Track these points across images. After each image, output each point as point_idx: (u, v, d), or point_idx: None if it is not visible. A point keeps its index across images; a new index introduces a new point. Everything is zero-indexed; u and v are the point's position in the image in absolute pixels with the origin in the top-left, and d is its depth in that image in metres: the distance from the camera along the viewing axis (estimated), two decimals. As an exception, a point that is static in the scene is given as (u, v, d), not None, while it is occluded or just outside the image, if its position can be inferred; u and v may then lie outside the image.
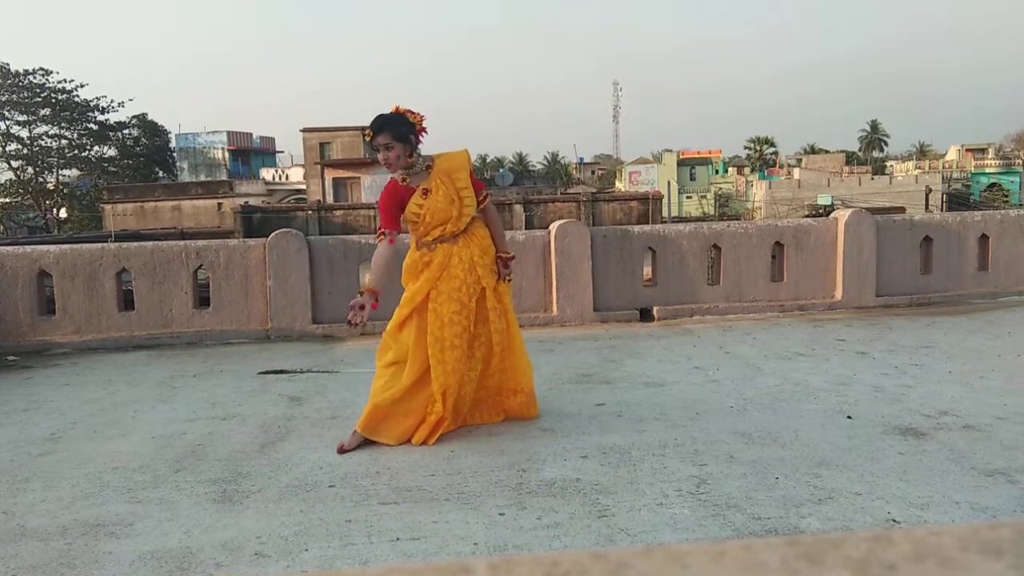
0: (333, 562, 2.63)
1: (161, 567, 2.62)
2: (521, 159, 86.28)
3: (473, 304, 3.88)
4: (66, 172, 48.17)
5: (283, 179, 49.69)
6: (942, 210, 37.74)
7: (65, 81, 45.42)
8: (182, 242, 7.37)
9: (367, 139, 3.91)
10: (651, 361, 5.59)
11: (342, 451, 3.73)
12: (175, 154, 55.36)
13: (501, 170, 51.70)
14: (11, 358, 6.46)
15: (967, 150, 62.89)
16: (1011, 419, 3.92)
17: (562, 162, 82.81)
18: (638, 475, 3.32)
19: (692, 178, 59.16)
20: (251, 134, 58.43)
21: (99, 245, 7.28)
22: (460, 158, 3.95)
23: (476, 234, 3.95)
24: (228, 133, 55.38)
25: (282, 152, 61.38)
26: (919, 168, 58.47)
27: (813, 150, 77.28)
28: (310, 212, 26.42)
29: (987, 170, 56.01)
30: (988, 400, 4.28)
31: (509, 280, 4.11)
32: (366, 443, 3.80)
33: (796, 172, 55.61)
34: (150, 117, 52.60)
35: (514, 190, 36.86)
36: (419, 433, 3.83)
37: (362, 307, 3.61)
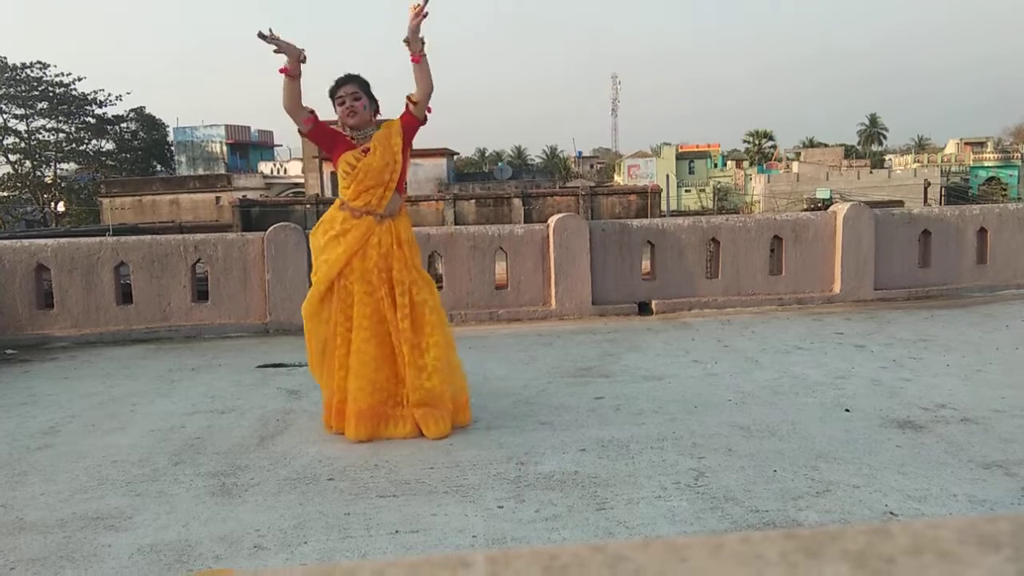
0: (332, 555, 2.64)
1: (160, 560, 2.62)
2: (520, 153, 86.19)
3: (382, 292, 3.80)
4: (64, 166, 48.10)
5: (281, 173, 49.55)
6: (941, 204, 37.74)
7: (63, 75, 45.32)
8: (180, 236, 7.36)
9: (330, 94, 3.82)
10: (650, 354, 5.59)
11: None
12: (173, 148, 55.17)
13: (500, 164, 51.65)
14: (9, 351, 6.45)
15: (966, 144, 62.88)
16: (1009, 412, 3.93)
17: (561, 156, 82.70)
18: (636, 468, 3.32)
19: (691, 172, 59.09)
20: (249, 128, 58.22)
21: (97, 239, 7.26)
22: (396, 124, 3.93)
23: (400, 225, 3.89)
24: (226, 127, 55.17)
25: (280, 146, 61.18)
26: (918, 162, 58.48)
27: (812, 144, 77.23)
28: (308, 206, 26.36)
29: (986, 164, 55.99)
30: (986, 393, 4.29)
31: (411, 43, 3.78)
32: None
33: (795, 166, 55.57)
34: (148, 111, 52.50)
35: (513, 184, 36.80)
36: (331, 421, 3.87)
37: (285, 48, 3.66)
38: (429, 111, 3.92)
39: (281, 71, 3.71)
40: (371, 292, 3.79)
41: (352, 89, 3.80)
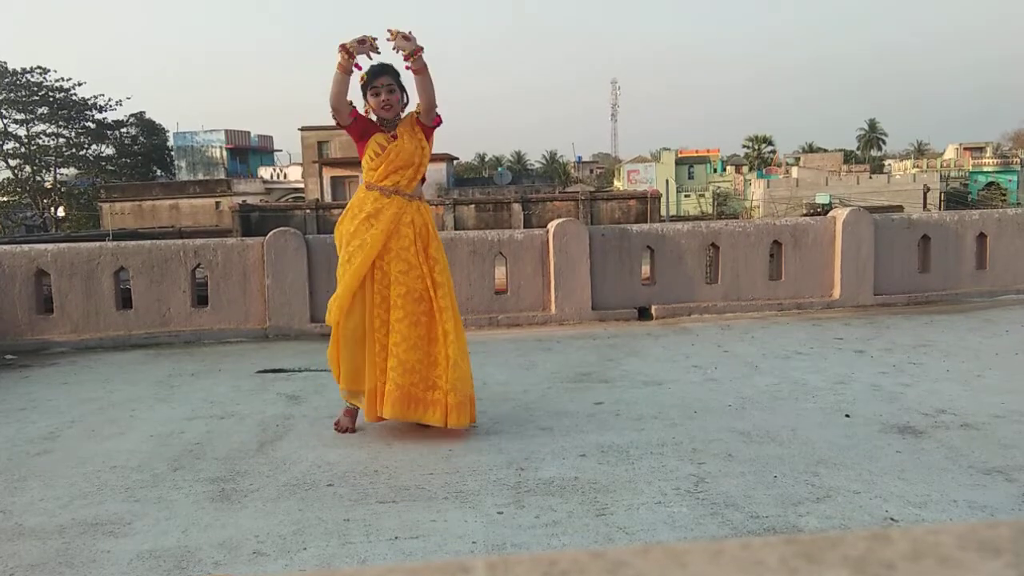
0: (331, 561, 2.63)
1: (159, 566, 2.62)
2: (519, 158, 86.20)
3: (424, 269, 3.80)
4: (64, 171, 48.13)
5: (281, 178, 49.62)
6: (940, 209, 37.77)
7: (63, 79, 45.40)
8: (180, 241, 7.36)
9: (362, 82, 3.85)
10: (649, 360, 5.59)
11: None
12: (173, 153, 55.28)
13: (499, 169, 51.64)
14: (9, 357, 6.45)
15: (965, 149, 62.95)
16: (1009, 417, 3.93)
17: (560, 161, 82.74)
18: (636, 474, 3.32)
19: (690, 177, 59.15)
20: (249, 133, 58.34)
21: (97, 244, 7.26)
22: (413, 116, 3.95)
23: (425, 209, 3.93)
24: (226, 132, 55.28)
25: (280, 151, 61.36)
26: (917, 167, 58.53)
27: (811, 149, 77.32)
28: (308, 211, 26.40)
29: (985, 169, 56.03)
30: (986, 399, 4.28)
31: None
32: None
33: (794, 171, 55.61)
34: (148, 115, 52.57)
35: (512, 189, 36.83)
36: (375, 407, 3.83)
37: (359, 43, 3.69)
38: (439, 119, 3.96)
39: (340, 67, 3.73)
40: (406, 271, 3.77)
41: (388, 81, 3.82)
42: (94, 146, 48.85)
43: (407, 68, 3.79)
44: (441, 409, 3.76)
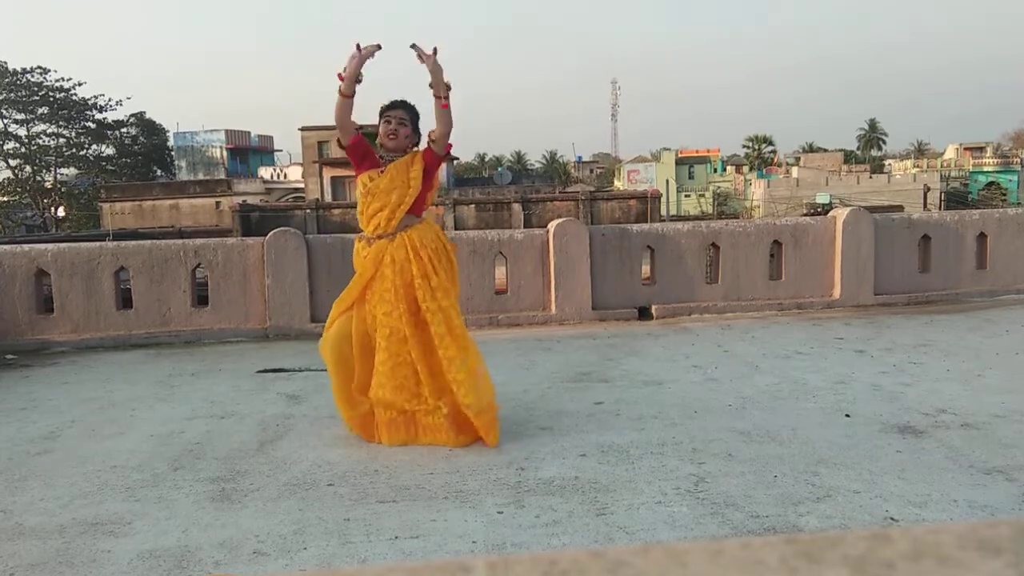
0: (332, 560, 2.64)
1: (159, 565, 2.62)
2: (519, 158, 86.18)
3: (402, 308, 3.78)
4: (64, 171, 48.14)
5: (281, 178, 49.61)
6: (940, 209, 37.76)
7: (63, 79, 45.41)
8: (180, 241, 7.36)
9: (380, 110, 3.90)
10: (649, 360, 5.59)
11: None
12: (173, 153, 55.27)
13: (499, 169, 51.66)
14: (9, 357, 6.45)
15: (965, 149, 62.92)
16: (1009, 417, 3.93)
17: (560, 161, 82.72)
18: (636, 473, 3.32)
19: (690, 177, 59.15)
20: (249, 133, 58.31)
21: (97, 244, 7.27)
22: (419, 156, 3.93)
23: (416, 235, 3.85)
24: (226, 132, 55.26)
25: (280, 151, 61.31)
26: (917, 167, 58.51)
27: (811, 149, 77.30)
28: (308, 211, 26.37)
29: (985, 169, 56.01)
30: (986, 398, 4.28)
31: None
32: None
33: (794, 171, 55.61)
34: (148, 115, 52.56)
35: (512, 189, 36.83)
36: (372, 431, 3.87)
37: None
38: (449, 148, 3.96)
39: (340, 92, 3.76)
40: (389, 312, 3.80)
41: (402, 115, 3.87)
42: (94, 146, 48.87)
43: (436, 96, 3.78)
44: (443, 432, 3.74)
